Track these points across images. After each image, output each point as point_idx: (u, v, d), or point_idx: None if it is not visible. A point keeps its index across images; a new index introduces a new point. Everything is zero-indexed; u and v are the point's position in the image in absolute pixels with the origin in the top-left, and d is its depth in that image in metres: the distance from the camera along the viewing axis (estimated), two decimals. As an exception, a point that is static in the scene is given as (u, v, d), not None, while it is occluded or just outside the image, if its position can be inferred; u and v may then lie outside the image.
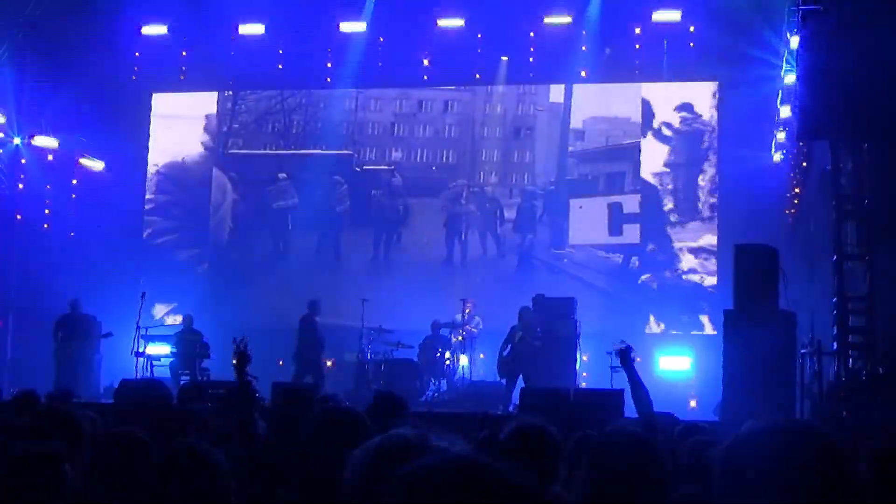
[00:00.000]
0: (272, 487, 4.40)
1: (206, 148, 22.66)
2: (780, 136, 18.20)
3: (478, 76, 21.34)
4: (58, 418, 5.26)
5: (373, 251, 21.78)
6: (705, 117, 20.24)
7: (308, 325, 18.05)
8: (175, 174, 22.59)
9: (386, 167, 21.91)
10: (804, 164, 17.62)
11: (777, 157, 18.71)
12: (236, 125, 22.69)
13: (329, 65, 21.55)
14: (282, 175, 22.29)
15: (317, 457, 3.69)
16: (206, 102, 22.72)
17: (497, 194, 21.45)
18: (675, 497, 4.10)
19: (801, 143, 16.78)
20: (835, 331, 13.53)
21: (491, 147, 21.56)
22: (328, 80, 21.73)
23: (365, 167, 22.01)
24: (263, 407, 9.43)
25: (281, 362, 18.43)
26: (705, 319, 19.12)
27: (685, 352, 19.01)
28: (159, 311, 20.77)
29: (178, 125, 22.71)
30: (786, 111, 17.10)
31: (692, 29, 19.61)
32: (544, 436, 4.37)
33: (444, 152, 21.75)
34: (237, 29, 21.11)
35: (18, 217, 21.22)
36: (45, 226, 21.51)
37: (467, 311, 18.32)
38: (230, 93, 22.69)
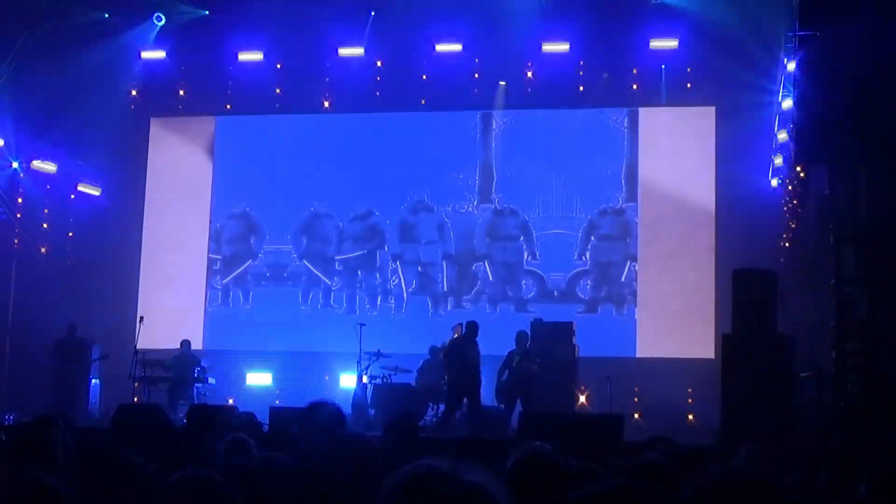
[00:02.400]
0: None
1: (203, 172, 22.62)
2: (778, 160, 18.22)
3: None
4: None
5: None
6: (702, 142, 20.25)
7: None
8: (173, 198, 22.54)
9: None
10: (802, 188, 17.64)
11: (774, 181, 18.74)
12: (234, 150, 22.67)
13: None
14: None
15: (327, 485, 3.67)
16: (204, 127, 22.72)
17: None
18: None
19: (799, 168, 16.82)
20: (833, 354, 13.51)
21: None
22: (326, 104, 21.75)
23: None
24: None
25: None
26: (705, 344, 19.05)
27: (683, 377, 19.02)
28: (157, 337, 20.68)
29: (177, 150, 22.72)
30: (783, 136, 17.13)
31: (688, 57, 19.68)
32: (551, 463, 4.33)
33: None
34: (237, 56, 21.15)
35: (16, 242, 21.22)
36: (43, 249, 21.50)
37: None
38: (228, 117, 22.68)
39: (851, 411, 12.50)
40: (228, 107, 22.34)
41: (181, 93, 22.10)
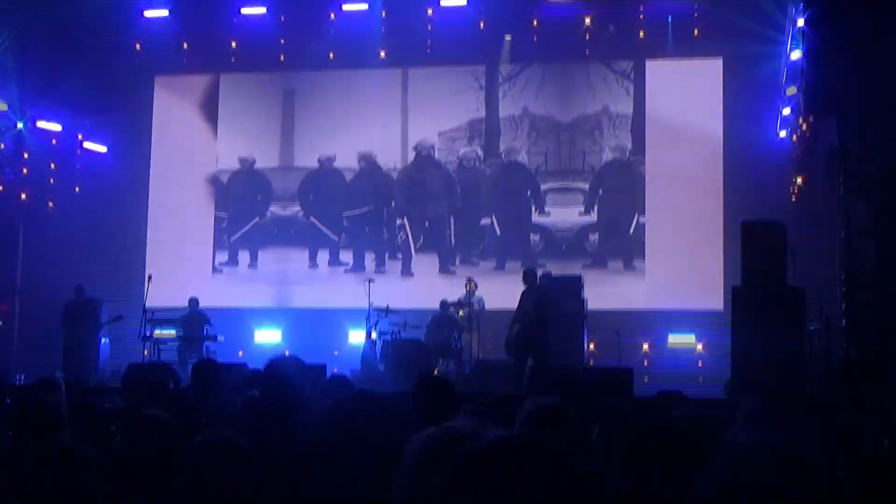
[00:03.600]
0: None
1: (207, 131, 22.60)
2: (786, 111, 18.13)
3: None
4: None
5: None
6: (710, 94, 20.15)
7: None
8: (178, 156, 22.53)
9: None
10: (811, 139, 17.56)
11: (783, 133, 18.65)
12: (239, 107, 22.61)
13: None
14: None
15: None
16: (208, 84, 22.66)
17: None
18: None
19: (808, 119, 16.73)
20: (843, 307, 13.52)
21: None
22: (331, 56, 21.66)
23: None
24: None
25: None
26: (714, 296, 19.03)
27: (692, 329, 19.06)
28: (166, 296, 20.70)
29: (181, 108, 22.69)
30: (792, 88, 17.03)
31: (696, 5, 19.57)
32: (561, 416, 4.34)
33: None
34: (239, 11, 21.09)
35: (23, 197, 21.23)
36: (50, 204, 21.55)
37: (468, 288, 18.38)
38: (232, 74, 22.62)
39: (861, 363, 12.49)
40: (233, 59, 22.26)
41: (185, 46, 22.00)
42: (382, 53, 21.36)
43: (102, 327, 18.85)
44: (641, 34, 20.42)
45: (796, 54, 15.88)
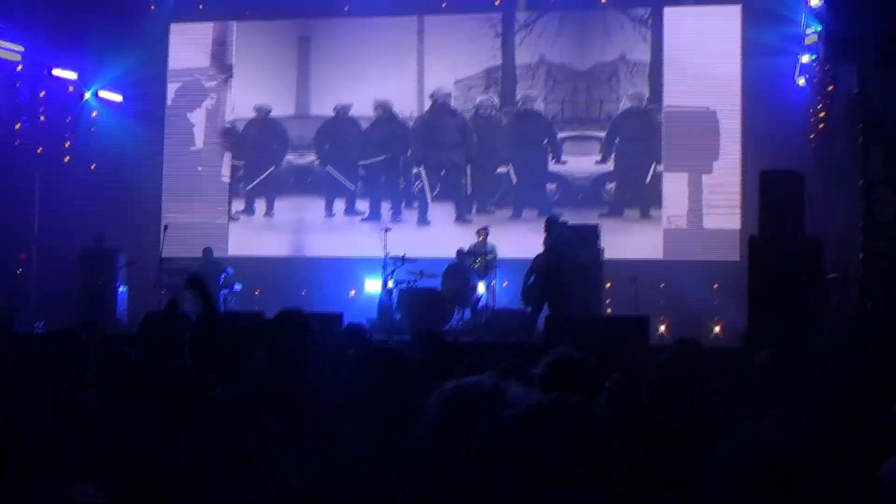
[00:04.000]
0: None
1: (222, 79, 22.55)
2: (805, 58, 17.95)
3: (497, 2, 21.19)
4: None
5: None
6: (728, 41, 19.95)
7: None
8: (194, 104, 22.52)
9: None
10: (830, 87, 17.38)
11: (801, 80, 18.47)
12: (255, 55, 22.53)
13: None
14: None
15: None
16: (224, 32, 22.59)
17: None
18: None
19: (827, 67, 16.56)
20: (860, 256, 13.44)
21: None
22: (346, 8, 21.54)
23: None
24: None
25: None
26: (731, 246, 18.96)
27: (709, 279, 19.00)
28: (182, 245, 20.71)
29: (196, 56, 22.64)
30: (811, 33, 16.84)
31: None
32: (583, 368, 4.32)
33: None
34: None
35: (40, 151, 21.24)
36: (66, 158, 21.58)
37: (480, 237, 18.37)
38: (248, 21, 22.55)
39: (878, 313, 12.46)
40: (248, 9, 22.16)
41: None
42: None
43: (118, 273, 18.88)
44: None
45: (816, 0, 15.70)
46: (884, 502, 2.48)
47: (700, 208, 19.80)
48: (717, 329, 17.93)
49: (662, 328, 17.90)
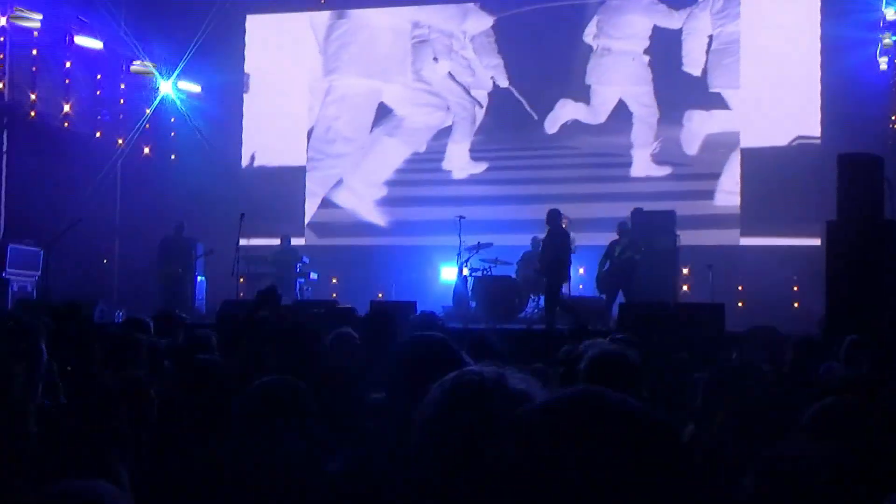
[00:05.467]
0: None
1: (302, 68, 22.75)
2: (886, 40, 17.62)
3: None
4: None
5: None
6: (808, 23, 19.63)
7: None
8: (272, 95, 22.74)
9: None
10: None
11: (883, 62, 18.13)
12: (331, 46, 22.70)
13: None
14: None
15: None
16: (300, 24, 22.79)
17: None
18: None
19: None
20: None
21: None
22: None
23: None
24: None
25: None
26: (810, 231, 18.68)
27: (788, 265, 18.76)
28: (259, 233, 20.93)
29: (274, 47, 22.86)
30: (892, 14, 16.52)
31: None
32: (624, 363, 4.30)
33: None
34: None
35: (120, 142, 21.59)
36: (146, 149, 21.91)
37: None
38: (325, 13, 22.72)
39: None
40: (322, 1, 22.35)
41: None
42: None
43: (197, 262, 19.11)
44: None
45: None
46: None
47: (779, 192, 19.45)
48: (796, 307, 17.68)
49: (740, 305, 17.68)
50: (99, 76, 21.12)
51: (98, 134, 21.24)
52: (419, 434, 2.33)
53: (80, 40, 20.11)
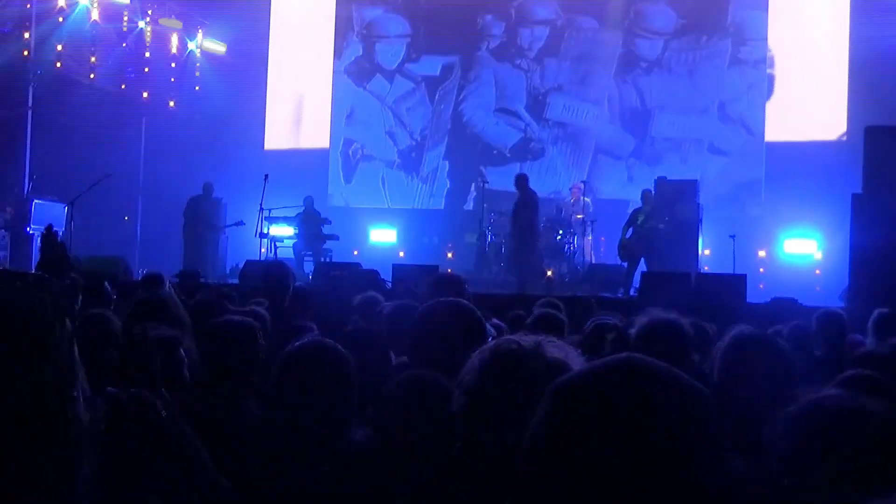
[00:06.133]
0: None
1: (326, 30, 22.71)
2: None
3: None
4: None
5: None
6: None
7: None
8: (298, 57, 22.71)
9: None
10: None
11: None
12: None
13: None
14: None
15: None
16: None
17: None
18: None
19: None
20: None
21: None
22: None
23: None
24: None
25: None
26: (834, 202, 18.58)
27: (812, 235, 18.68)
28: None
29: (300, 9, 22.82)
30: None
31: None
32: (677, 331, 4.25)
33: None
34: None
35: (146, 95, 21.57)
36: (172, 103, 21.87)
37: (574, 198, 18.30)
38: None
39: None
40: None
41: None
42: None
43: (224, 230, 19.09)
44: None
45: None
46: None
47: (804, 164, 19.35)
48: (817, 288, 17.62)
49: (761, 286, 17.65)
50: (125, 28, 21.04)
51: (122, 86, 21.24)
52: (460, 402, 2.36)
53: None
